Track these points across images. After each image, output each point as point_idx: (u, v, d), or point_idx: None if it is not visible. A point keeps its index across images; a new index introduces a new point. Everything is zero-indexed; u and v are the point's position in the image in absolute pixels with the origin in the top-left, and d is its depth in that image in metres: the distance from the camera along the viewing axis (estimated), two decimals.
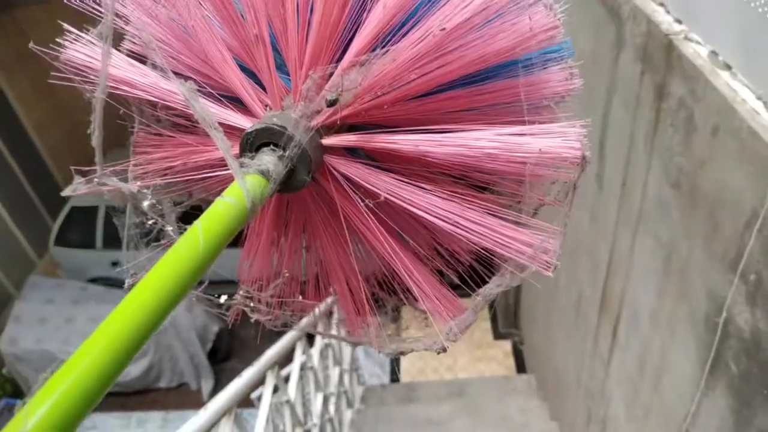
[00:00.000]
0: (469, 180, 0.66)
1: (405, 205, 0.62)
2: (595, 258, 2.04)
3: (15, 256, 6.60)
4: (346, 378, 3.43)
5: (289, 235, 0.78)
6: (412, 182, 0.62)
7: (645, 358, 1.57)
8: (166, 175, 0.71)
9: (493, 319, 4.97)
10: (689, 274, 1.21)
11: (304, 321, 0.81)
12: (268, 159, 0.54)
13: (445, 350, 0.65)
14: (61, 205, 6.30)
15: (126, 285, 0.65)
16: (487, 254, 0.65)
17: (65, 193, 0.66)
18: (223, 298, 0.76)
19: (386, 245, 0.66)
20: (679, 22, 1.23)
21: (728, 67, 1.03)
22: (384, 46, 0.55)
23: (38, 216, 6.88)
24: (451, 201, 0.62)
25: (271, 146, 0.56)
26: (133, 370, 5.84)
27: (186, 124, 0.67)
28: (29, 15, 6.13)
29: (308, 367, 2.64)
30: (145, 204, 0.71)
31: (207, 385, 6.08)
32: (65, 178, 6.73)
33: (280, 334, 6.36)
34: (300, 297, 0.81)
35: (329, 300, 0.84)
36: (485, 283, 0.67)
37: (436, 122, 0.60)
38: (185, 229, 0.47)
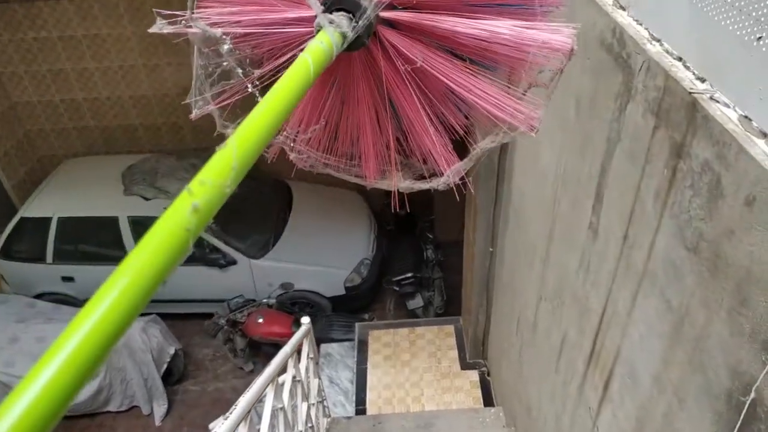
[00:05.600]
0: (482, 62, 0.89)
1: (434, 72, 0.85)
2: (583, 306, 1.98)
3: None
4: (312, 412, 3.28)
5: (332, 91, 0.97)
6: (442, 56, 0.85)
7: (644, 420, 1.50)
8: (238, 25, 0.89)
9: (461, 349, 4.90)
10: (707, 345, 1.15)
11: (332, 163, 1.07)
12: (345, 23, 0.73)
13: (449, 186, 0.97)
14: (9, 216, 5.94)
15: (193, 115, 0.98)
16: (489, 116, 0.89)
17: (152, 30, 0.89)
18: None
19: (414, 103, 0.91)
20: (702, 80, 1.18)
21: (765, 136, 0.97)
22: None
23: None
24: (468, 75, 0.86)
25: (343, 12, 0.75)
26: (81, 393, 5.49)
27: None
28: None
29: (278, 407, 2.49)
30: (225, 47, 0.91)
31: (159, 409, 5.79)
32: (15, 186, 6.37)
33: (240, 371, 5.94)
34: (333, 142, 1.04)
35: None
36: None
37: (465, 12, 0.81)
38: (252, 73, 0.87)
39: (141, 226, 5.97)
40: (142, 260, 0.39)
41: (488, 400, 4.39)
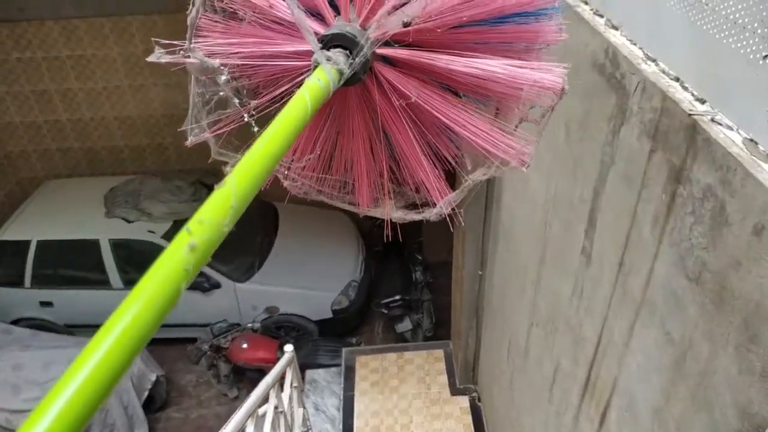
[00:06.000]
0: (476, 98, 0.94)
1: (428, 107, 0.88)
2: (577, 335, 1.91)
3: None
4: None
5: (328, 122, 1.00)
6: (437, 92, 0.88)
7: None
8: (235, 57, 0.92)
9: (450, 374, 4.80)
10: (712, 382, 1.08)
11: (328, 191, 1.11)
12: (342, 59, 0.74)
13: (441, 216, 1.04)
14: None
15: (189, 142, 1.04)
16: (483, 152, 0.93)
17: (150, 59, 0.91)
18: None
19: (408, 136, 0.94)
20: (702, 101, 1.13)
21: None
22: None
23: None
24: (462, 111, 0.89)
25: (340, 48, 0.77)
26: None
27: (257, 18, 0.90)
28: None
29: None
30: (222, 78, 0.92)
31: None
32: None
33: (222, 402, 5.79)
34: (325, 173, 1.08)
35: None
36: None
37: (459, 50, 0.84)
38: (248, 102, 0.91)
39: (123, 248, 5.84)
40: (142, 300, 0.40)
41: (479, 428, 4.28)
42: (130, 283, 5.98)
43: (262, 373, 5.72)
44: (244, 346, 5.56)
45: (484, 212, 3.35)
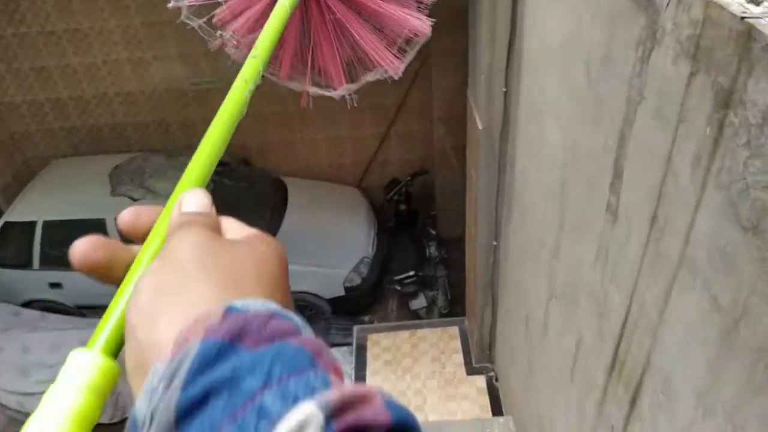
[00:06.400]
0: (375, 24, 2.11)
1: (345, 22, 1.91)
2: (602, 305, 1.67)
3: None
4: None
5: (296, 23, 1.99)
6: (352, 14, 1.91)
7: None
8: None
9: (466, 353, 4.59)
10: None
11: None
12: None
13: (340, 96, 2.14)
14: None
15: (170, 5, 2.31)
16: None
17: (171, 5, 2.26)
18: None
19: (328, 37, 1.91)
20: (757, 2, 0.88)
21: None
22: None
23: None
24: (365, 29, 2.00)
25: None
26: None
27: None
28: None
29: None
30: None
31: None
32: (1, 190, 6.14)
33: None
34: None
35: None
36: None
37: None
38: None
39: None
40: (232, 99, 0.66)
41: (496, 409, 4.08)
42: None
43: None
44: None
45: (497, 180, 3.10)
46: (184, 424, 0.27)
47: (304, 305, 5.86)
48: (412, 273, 5.62)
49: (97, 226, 5.66)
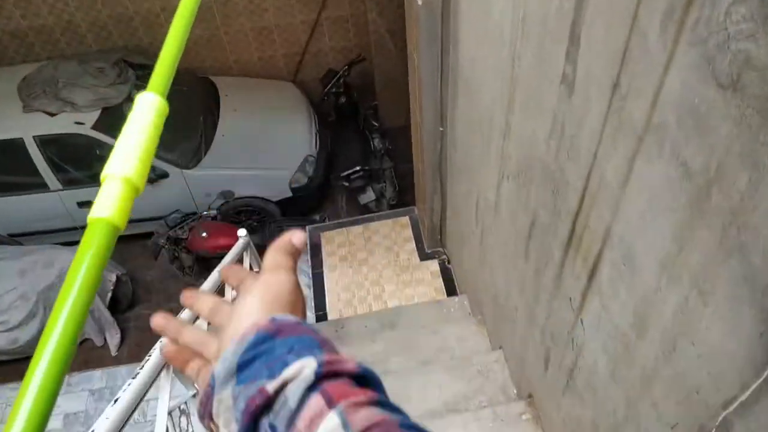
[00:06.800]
0: None
1: None
2: (557, 181, 1.64)
3: None
4: None
5: None
6: None
7: (647, 314, 1.21)
8: None
9: (418, 240, 4.66)
10: (751, 220, 0.82)
11: None
12: None
13: None
14: None
15: None
16: None
17: None
18: None
19: None
20: None
21: None
22: None
23: None
24: None
25: None
26: (23, 335, 5.12)
27: None
28: None
29: None
30: None
31: (113, 339, 5.47)
32: None
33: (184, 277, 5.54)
34: None
35: None
36: None
37: None
38: None
39: (52, 145, 5.29)
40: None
41: (451, 289, 4.22)
42: (70, 183, 5.51)
43: None
44: (204, 234, 5.30)
45: (440, 61, 2.94)
46: (240, 371, 0.48)
47: (252, 210, 5.74)
48: (358, 168, 5.53)
49: (16, 147, 5.23)
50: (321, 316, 4.16)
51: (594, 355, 1.58)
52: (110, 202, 0.45)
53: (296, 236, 0.61)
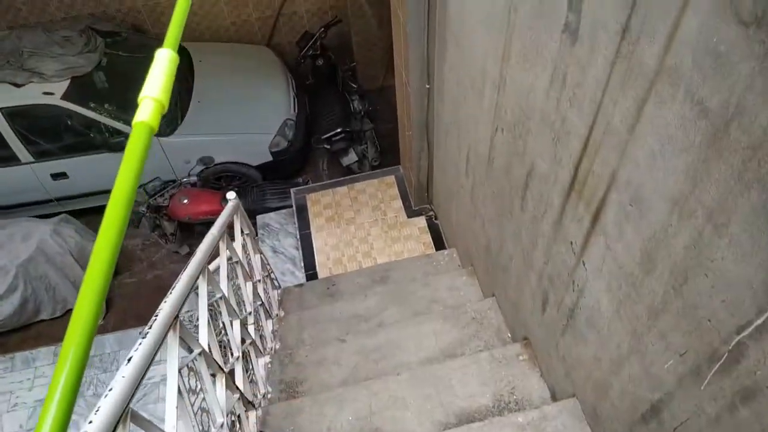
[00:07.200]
0: None
1: None
2: (558, 130, 1.68)
3: None
4: (260, 288, 3.03)
5: None
6: None
7: (655, 253, 1.28)
8: None
9: (404, 198, 4.70)
10: None
11: None
12: None
13: None
14: None
15: None
16: None
17: None
18: None
19: None
20: None
21: None
22: None
23: None
24: None
25: None
26: (4, 309, 5.06)
27: None
28: None
29: (218, 297, 2.19)
30: None
31: None
32: None
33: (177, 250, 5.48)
34: None
35: None
36: None
37: None
38: None
39: (20, 117, 5.13)
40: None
41: (439, 244, 4.29)
42: (41, 155, 5.36)
43: (210, 226, 5.50)
44: (185, 201, 5.25)
45: (427, 15, 2.93)
46: None
47: (233, 175, 5.69)
48: (339, 130, 5.50)
49: None
50: (311, 275, 4.21)
51: (596, 295, 1.66)
52: (147, 112, 0.67)
53: None
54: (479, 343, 2.81)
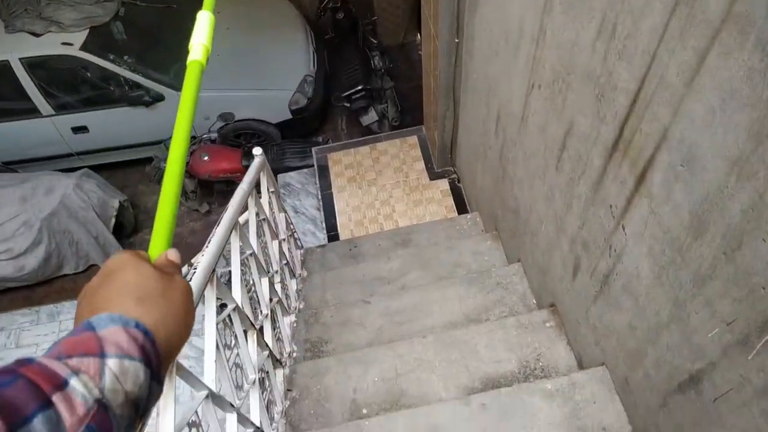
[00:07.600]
0: None
1: None
2: (603, 85, 1.59)
3: None
4: (285, 247, 3.01)
5: None
6: None
7: (707, 215, 1.21)
8: None
9: (427, 160, 4.62)
10: None
11: None
12: None
13: None
14: None
15: None
16: None
17: None
18: None
19: None
20: None
21: None
22: None
23: None
24: None
25: None
26: (29, 262, 5.13)
27: None
28: None
29: (248, 253, 2.17)
30: None
31: None
32: None
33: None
34: None
35: None
36: None
37: None
38: None
39: (40, 68, 5.09)
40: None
41: (462, 208, 4.23)
42: (62, 107, 5.35)
43: (230, 184, 5.48)
44: (205, 158, 5.23)
45: None
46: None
47: (252, 132, 5.64)
48: (360, 87, 5.39)
49: (2, 71, 5.02)
50: (333, 236, 4.19)
51: (636, 261, 1.60)
52: (198, 52, 0.84)
53: (171, 254, 0.70)
54: (504, 309, 2.77)
